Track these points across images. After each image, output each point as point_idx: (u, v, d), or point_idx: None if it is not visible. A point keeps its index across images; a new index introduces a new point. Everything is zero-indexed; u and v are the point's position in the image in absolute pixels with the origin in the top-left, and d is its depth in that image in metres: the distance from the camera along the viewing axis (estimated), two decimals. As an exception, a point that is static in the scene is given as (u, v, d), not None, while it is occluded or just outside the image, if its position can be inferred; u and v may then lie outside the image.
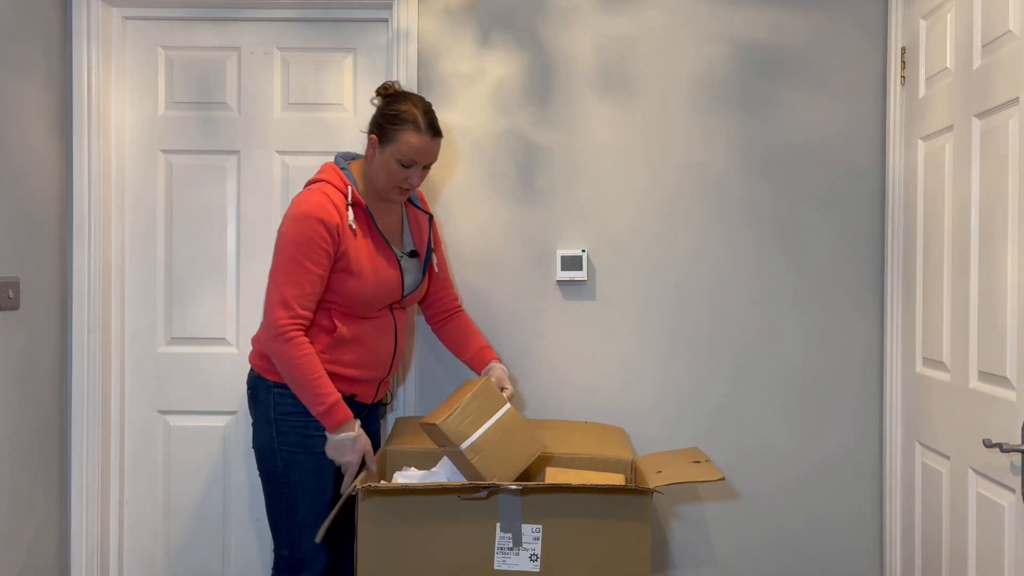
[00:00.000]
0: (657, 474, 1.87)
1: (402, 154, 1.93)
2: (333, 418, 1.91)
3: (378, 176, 1.98)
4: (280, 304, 1.88)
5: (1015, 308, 1.71)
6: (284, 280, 1.89)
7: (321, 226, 1.89)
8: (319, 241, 1.89)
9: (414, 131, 1.93)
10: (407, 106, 1.95)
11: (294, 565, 2.00)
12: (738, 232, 2.45)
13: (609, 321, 2.46)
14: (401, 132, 1.93)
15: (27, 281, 2.27)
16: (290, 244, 1.90)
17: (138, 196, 2.55)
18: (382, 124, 1.96)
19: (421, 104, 1.97)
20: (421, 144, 1.94)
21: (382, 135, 1.96)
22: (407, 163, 1.95)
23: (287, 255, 1.89)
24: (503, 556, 1.75)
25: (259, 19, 2.52)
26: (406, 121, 1.93)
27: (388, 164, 1.95)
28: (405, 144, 1.93)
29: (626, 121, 2.46)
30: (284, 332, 1.88)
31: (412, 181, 1.98)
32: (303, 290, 1.89)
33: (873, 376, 2.44)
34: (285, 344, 1.88)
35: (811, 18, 2.44)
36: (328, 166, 2.02)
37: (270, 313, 1.90)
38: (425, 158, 1.97)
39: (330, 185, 1.96)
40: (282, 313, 1.88)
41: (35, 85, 2.30)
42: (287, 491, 1.98)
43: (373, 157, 1.98)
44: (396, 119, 1.94)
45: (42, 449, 2.35)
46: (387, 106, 1.97)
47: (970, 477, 1.90)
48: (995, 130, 1.80)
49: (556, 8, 2.46)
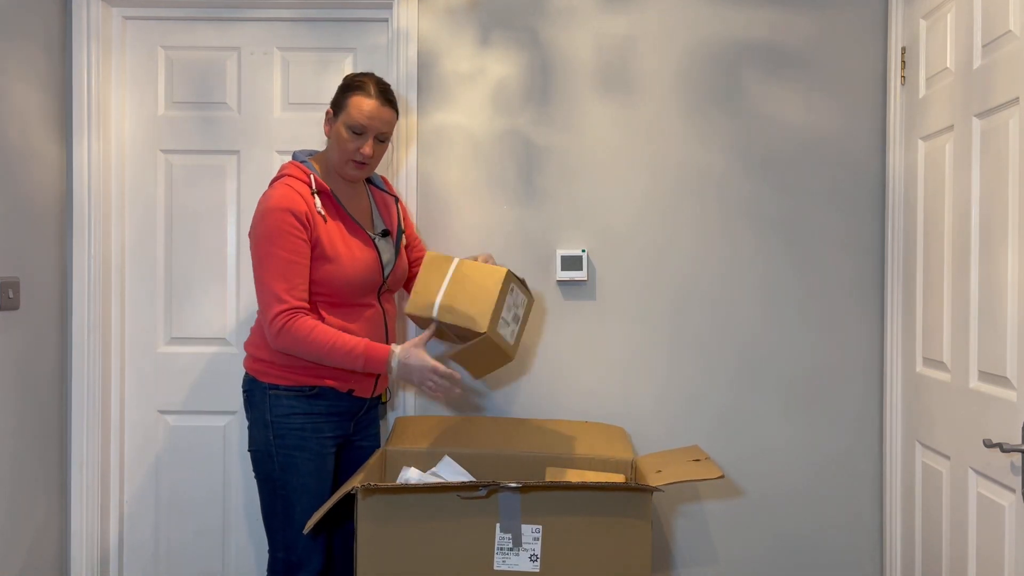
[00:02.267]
0: (657, 473, 1.87)
1: (352, 119, 1.95)
2: (376, 361, 1.89)
3: (333, 150, 2.00)
4: (273, 300, 1.88)
5: (1015, 308, 1.71)
6: (269, 277, 1.88)
7: (290, 215, 1.89)
8: (291, 231, 1.88)
9: (363, 95, 1.95)
10: (360, 77, 2.00)
11: (289, 567, 2.00)
12: (738, 232, 2.45)
13: (609, 321, 2.46)
14: (349, 96, 1.97)
15: (27, 281, 2.27)
16: (264, 241, 1.89)
17: (138, 196, 2.55)
18: (336, 97, 2.01)
19: (373, 77, 2.01)
20: (370, 107, 1.95)
21: (335, 105, 2.00)
22: (358, 129, 1.95)
23: (264, 251, 1.89)
24: (503, 556, 1.75)
25: (259, 19, 2.52)
26: (357, 88, 1.97)
27: (340, 132, 1.97)
28: (354, 107, 1.95)
29: (626, 121, 2.46)
30: (284, 323, 1.87)
31: (364, 151, 1.97)
32: (292, 281, 1.88)
33: (873, 376, 2.44)
34: (290, 332, 1.87)
35: (811, 18, 2.44)
36: (288, 163, 2.03)
37: (266, 313, 1.89)
38: (376, 124, 1.96)
39: (292, 178, 1.96)
40: (277, 307, 1.87)
41: (35, 85, 2.30)
42: (284, 493, 1.98)
43: (329, 131, 2.00)
44: (348, 88, 1.99)
45: (42, 449, 2.35)
46: (343, 83, 2.02)
47: (970, 477, 1.90)
48: (995, 130, 1.80)
49: (556, 8, 2.46)
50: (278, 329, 1.87)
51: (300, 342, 1.87)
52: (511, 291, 1.96)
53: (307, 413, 1.98)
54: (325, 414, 2.00)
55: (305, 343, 1.87)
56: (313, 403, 1.99)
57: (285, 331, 1.87)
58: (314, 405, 1.99)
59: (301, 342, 1.87)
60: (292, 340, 1.88)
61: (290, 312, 1.87)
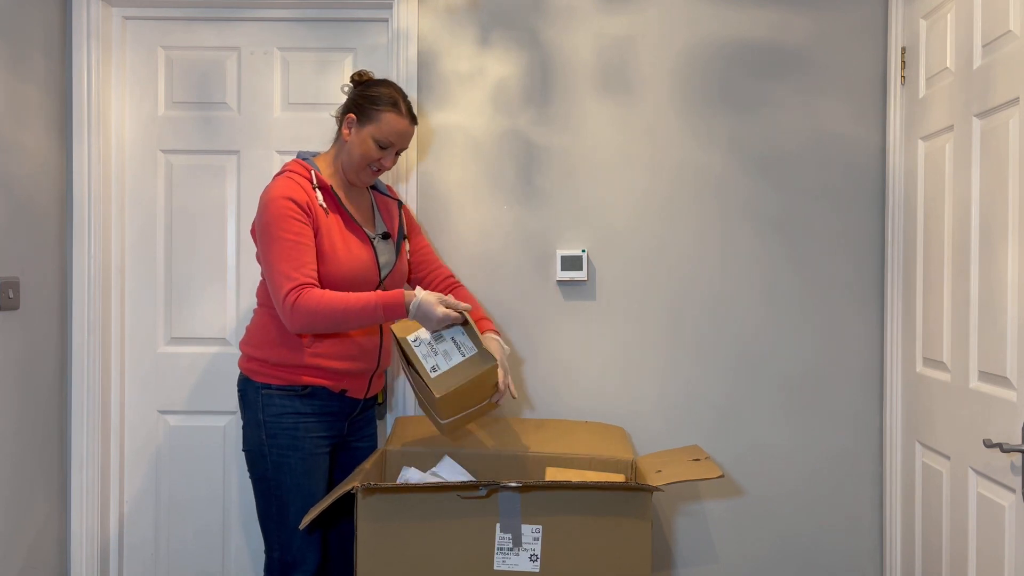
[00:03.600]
0: (657, 473, 1.87)
1: (382, 134, 1.97)
2: (393, 307, 1.87)
3: (352, 155, 1.99)
4: (283, 280, 1.85)
5: (1015, 308, 1.71)
6: (276, 259, 1.87)
7: (291, 202, 1.89)
8: (293, 215, 1.89)
9: (395, 113, 1.97)
10: (388, 90, 2.00)
11: (285, 566, 1.99)
12: (738, 232, 2.45)
13: (609, 321, 2.46)
14: (383, 112, 1.97)
15: (27, 281, 2.27)
16: (269, 228, 1.89)
17: (138, 196, 2.55)
18: (362, 104, 1.99)
19: (400, 91, 2.02)
20: (401, 127, 1.98)
21: (361, 113, 1.98)
22: (384, 144, 1.98)
23: (270, 237, 1.88)
24: (503, 556, 1.75)
25: (259, 19, 2.52)
26: (388, 103, 1.97)
27: (365, 142, 1.97)
28: (386, 124, 1.97)
29: (626, 121, 2.46)
30: (296, 298, 1.84)
31: (385, 163, 2.01)
32: (300, 259, 1.87)
33: (873, 376, 2.44)
34: (303, 306, 1.84)
35: (811, 18, 2.44)
36: (291, 160, 2.03)
37: (277, 294, 1.86)
38: (402, 141, 2.01)
39: (293, 172, 1.97)
40: (288, 285, 1.85)
41: (35, 85, 2.30)
42: (278, 493, 1.97)
43: (349, 135, 2.00)
44: (378, 99, 1.98)
45: (42, 449, 2.35)
46: (368, 89, 2.01)
47: (970, 477, 1.90)
48: (995, 130, 1.80)
49: (556, 8, 2.46)
50: (291, 306, 1.84)
51: (314, 313, 1.84)
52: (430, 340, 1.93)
53: (300, 413, 1.97)
54: (318, 414, 2.00)
55: (319, 312, 1.84)
56: (306, 403, 1.98)
57: (298, 306, 1.84)
58: (307, 405, 1.98)
59: (315, 313, 1.84)
60: (307, 313, 1.84)
61: (299, 288, 1.85)
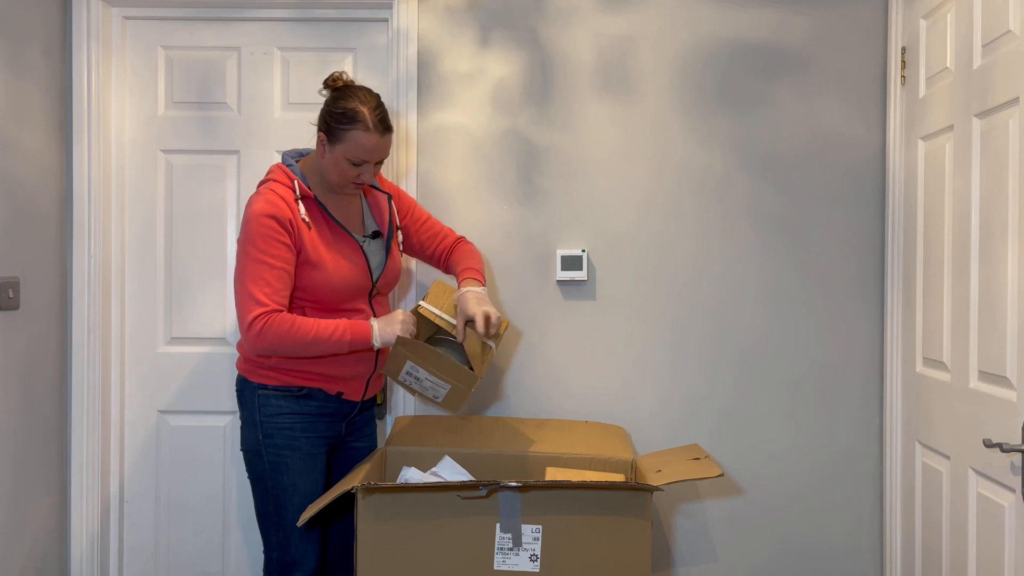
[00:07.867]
0: (657, 472, 1.87)
1: (352, 154, 1.90)
2: (360, 336, 1.89)
3: (330, 174, 1.96)
4: (252, 304, 1.84)
5: (1015, 308, 1.71)
6: (249, 280, 1.85)
7: (273, 221, 1.86)
8: (274, 235, 1.86)
9: (363, 131, 1.88)
10: (354, 103, 1.89)
11: (284, 566, 1.99)
12: (738, 232, 2.45)
13: (609, 321, 2.46)
14: (350, 131, 1.88)
15: (27, 281, 2.27)
16: (246, 246, 1.87)
17: (138, 196, 2.55)
18: (330, 123, 1.91)
19: (370, 100, 1.91)
20: (371, 143, 1.89)
21: (330, 134, 1.91)
22: (357, 162, 1.92)
23: (247, 256, 1.86)
24: (503, 556, 1.75)
25: (259, 19, 2.52)
26: (355, 120, 1.88)
27: (339, 163, 1.92)
28: (355, 143, 1.89)
29: (626, 121, 2.46)
30: (263, 324, 1.83)
31: (364, 178, 1.95)
32: (272, 286, 1.85)
33: (873, 376, 2.44)
34: (270, 331, 1.83)
35: (811, 18, 2.44)
36: (275, 166, 2.00)
37: (244, 317, 1.84)
38: (376, 155, 1.92)
39: (277, 183, 1.94)
40: (256, 310, 1.83)
41: (35, 85, 2.30)
42: (275, 493, 1.97)
43: (324, 155, 1.94)
44: (344, 118, 1.88)
45: (42, 449, 2.35)
46: (334, 103, 1.91)
47: (970, 477, 1.90)
48: (995, 130, 1.80)
49: (556, 7, 2.46)
50: (257, 331, 1.83)
51: (281, 339, 1.84)
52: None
53: (296, 413, 1.97)
54: (315, 415, 2.00)
55: (287, 339, 1.84)
56: (302, 403, 1.98)
57: (265, 331, 1.83)
58: (303, 405, 1.98)
59: (282, 338, 1.84)
60: (273, 338, 1.84)
61: (267, 314, 1.83)
